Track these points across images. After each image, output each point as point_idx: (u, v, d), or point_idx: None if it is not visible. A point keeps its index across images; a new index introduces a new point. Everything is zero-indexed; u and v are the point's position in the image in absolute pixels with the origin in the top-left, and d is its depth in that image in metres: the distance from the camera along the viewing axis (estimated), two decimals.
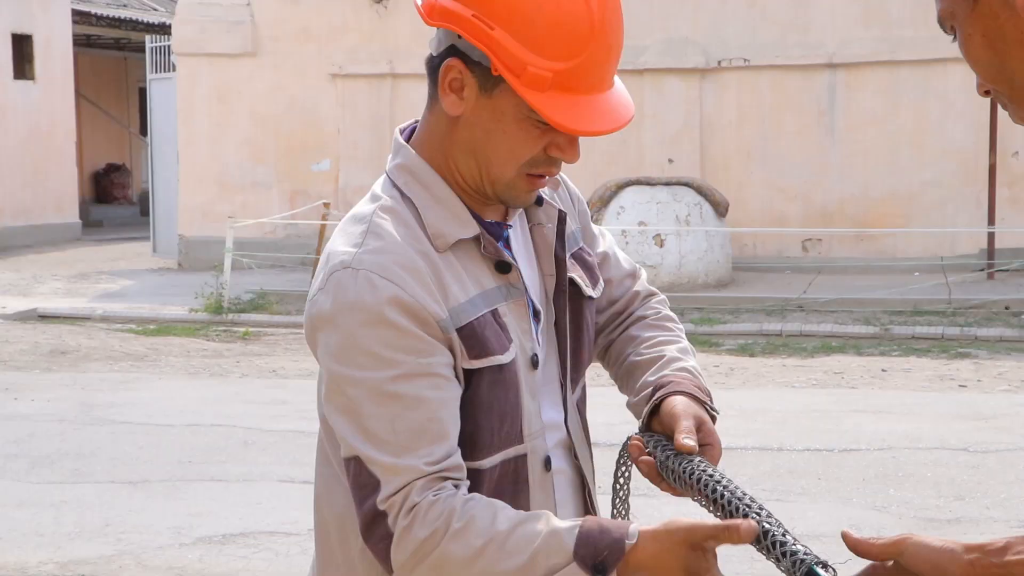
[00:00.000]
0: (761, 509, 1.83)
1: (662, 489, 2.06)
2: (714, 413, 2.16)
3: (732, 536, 1.80)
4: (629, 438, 2.12)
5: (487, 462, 2.06)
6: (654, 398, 2.15)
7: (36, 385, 11.27)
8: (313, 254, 16.40)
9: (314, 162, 19.40)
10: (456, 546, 1.89)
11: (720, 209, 15.75)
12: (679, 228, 15.32)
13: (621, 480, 2.20)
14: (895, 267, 16.44)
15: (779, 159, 17.59)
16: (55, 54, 25.87)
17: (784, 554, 1.76)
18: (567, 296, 2.22)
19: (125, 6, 29.41)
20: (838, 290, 15.14)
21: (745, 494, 1.86)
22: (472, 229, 2.08)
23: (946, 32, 1.66)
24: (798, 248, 17.47)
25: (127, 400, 10.58)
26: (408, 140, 2.15)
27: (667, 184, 15.65)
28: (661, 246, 15.30)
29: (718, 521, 1.84)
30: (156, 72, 21.20)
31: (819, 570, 1.73)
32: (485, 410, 2.05)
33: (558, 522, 1.89)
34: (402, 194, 2.08)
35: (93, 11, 27.41)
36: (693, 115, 17.84)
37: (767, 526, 1.79)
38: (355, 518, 2.02)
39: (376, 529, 1.95)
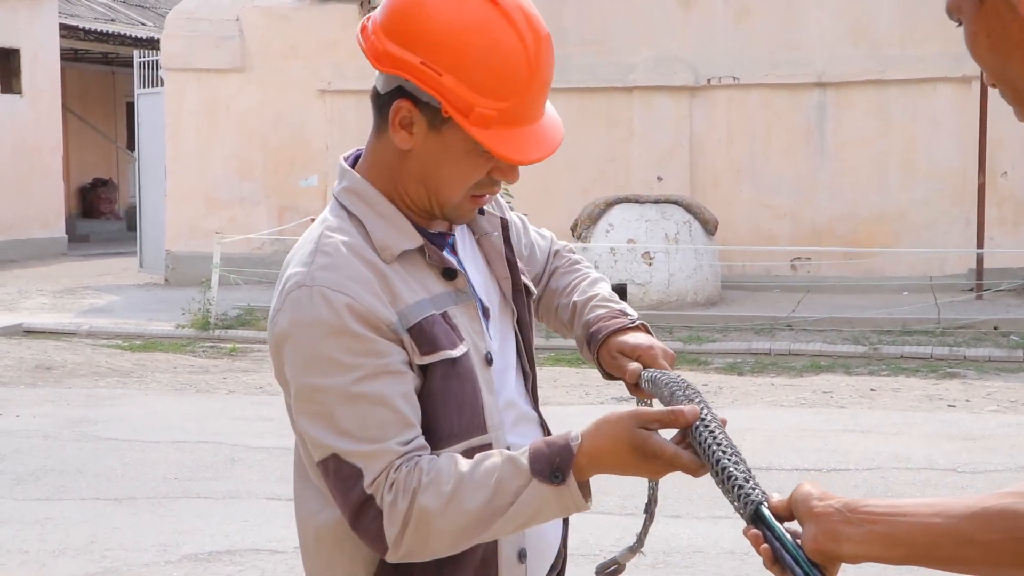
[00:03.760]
0: (732, 450, 1.92)
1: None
2: (633, 323, 2.48)
3: (676, 420, 2.00)
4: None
5: (447, 451, 2.19)
6: (597, 357, 2.48)
7: (21, 401, 11.22)
8: None
9: (302, 178, 19.37)
10: (429, 497, 2.07)
11: (709, 227, 15.75)
12: (668, 246, 15.30)
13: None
14: (884, 286, 16.44)
15: (768, 177, 17.60)
16: (42, 68, 25.83)
17: (739, 496, 1.83)
18: (524, 294, 2.47)
19: (113, 20, 29.39)
20: (827, 309, 15.12)
21: (725, 439, 1.95)
22: (416, 240, 2.25)
23: (953, 22, 1.66)
24: (787, 267, 17.46)
25: (113, 416, 10.53)
26: (353, 166, 2.33)
27: (656, 202, 15.64)
28: (650, 264, 15.29)
29: (663, 409, 2.04)
30: (144, 87, 21.15)
31: (765, 510, 1.80)
32: (441, 401, 2.20)
33: (511, 452, 2.11)
34: (349, 213, 2.26)
35: (81, 25, 27.38)
36: (682, 133, 17.84)
37: (732, 469, 1.87)
38: (336, 521, 2.23)
39: (367, 512, 2.11)
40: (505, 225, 2.48)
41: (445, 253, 2.31)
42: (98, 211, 30.60)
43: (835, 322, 14.44)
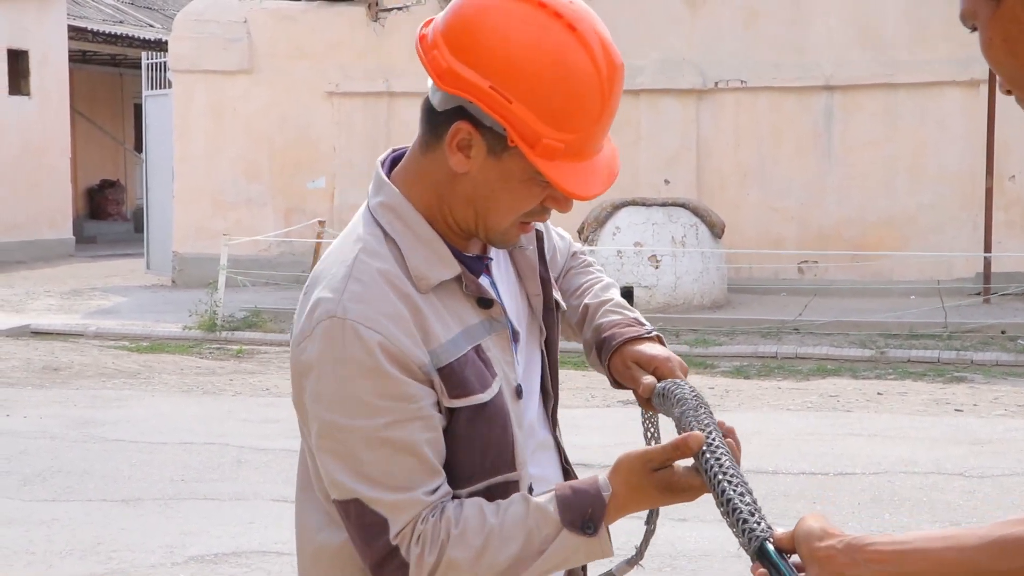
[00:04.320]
0: (739, 480, 1.90)
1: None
2: (649, 333, 2.36)
3: (683, 452, 1.98)
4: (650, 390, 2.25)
5: (465, 492, 2.13)
6: (608, 363, 2.36)
7: (28, 401, 11.23)
8: (307, 272, 16.35)
9: (309, 180, 19.38)
10: (460, 551, 2.02)
11: (716, 230, 15.73)
12: (675, 249, 15.29)
13: (649, 434, 2.33)
14: (891, 290, 16.42)
15: (775, 181, 17.59)
16: (51, 70, 25.87)
17: (744, 530, 1.80)
18: (554, 312, 2.37)
19: (121, 22, 29.43)
20: (834, 313, 15.11)
21: (732, 467, 1.93)
22: (453, 269, 2.13)
23: (967, 28, 1.63)
24: (794, 270, 17.45)
25: (120, 417, 10.53)
26: (390, 172, 2.20)
27: (663, 205, 15.63)
28: (656, 267, 15.28)
29: (667, 444, 2.01)
30: (152, 88, 21.18)
31: (770, 546, 1.76)
32: (465, 444, 2.11)
33: (536, 498, 2.06)
34: (385, 233, 2.13)
35: (89, 27, 27.43)
36: (689, 136, 17.83)
37: (736, 501, 1.84)
38: (338, 546, 2.16)
39: (391, 562, 2.04)
40: (540, 238, 2.38)
41: (482, 278, 2.20)
42: (105, 212, 30.64)
43: (842, 326, 14.42)
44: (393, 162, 2.23)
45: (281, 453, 9.05)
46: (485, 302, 2.17)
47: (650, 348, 2.32)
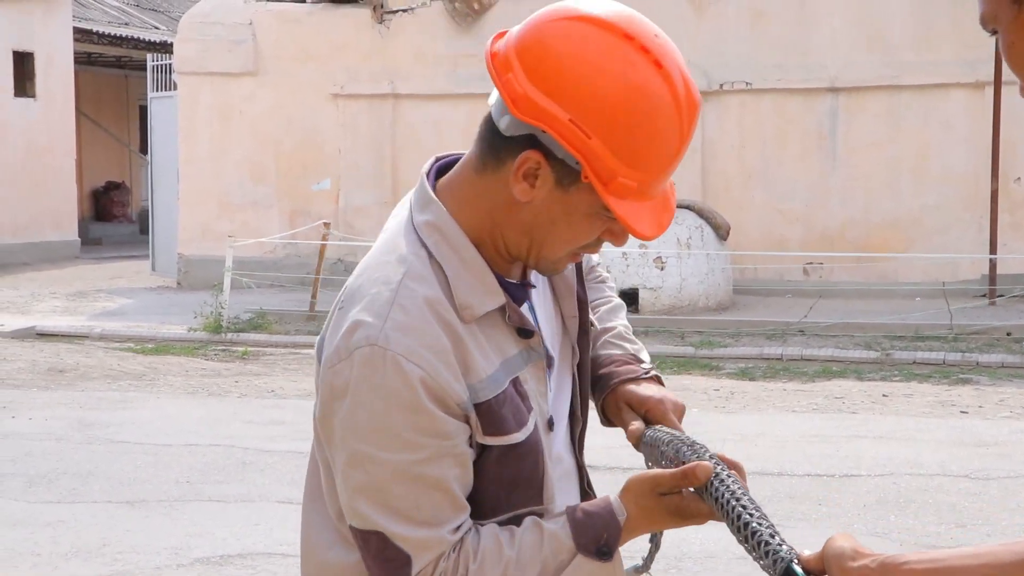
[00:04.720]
0: (753, 505, 1.87)
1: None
2: (647, 374, 2.32)
3: (691, 481, 1.95)
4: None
5: (491, 522, 2.09)
6: (602, 402, 2.33)
7: (34, 403, 11.24)
8: (313, 274, 16.38)
9: (315, 182, 19.38)
10: None
11: (721, 232, 15.73)
12: (680, 251, 15.29)
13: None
14: (896, 292, 16.41)
15: (780, 182, 17.58)
16: (56, 71, 25.89)
17: (767, 553, 1.78)
18: (589, 335, 2.30)
19: (127, 24, 29.45)
20: (839, 314, 15.10)
21: (744, 494, 1.90)
22: (499, 299, 2.06)
23: (987, 31, 1.61)
24: (799, 272, 17.44)
25: (125, 419, 10.54)
26: (435, 183, 2.11)
27: None
28: (662, 269, 15.27)
29: (676, 470, 1.98)
30: (157, 90, 21.21)
31: (796, 568, 1.74)
32: (493, 480, 2.06)
33: (547, 524, 2.03)
34: (430, 255, 2.04)
35: (95, 29, 27.44)
36: (694, 138, 17.64)
37: (755, 525, 1.81)
38: (347, 566, 2.10)
39: None
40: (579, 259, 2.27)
41: (525, 307, 2.15)
42: (111, 214, 30.66)
43: (847, 327, 14.41)
44: (438, 172, 2.13)
45: (286, 455, 9.05)
46: (526, 332, 2.10)
47: (644, 389, 2.27)
